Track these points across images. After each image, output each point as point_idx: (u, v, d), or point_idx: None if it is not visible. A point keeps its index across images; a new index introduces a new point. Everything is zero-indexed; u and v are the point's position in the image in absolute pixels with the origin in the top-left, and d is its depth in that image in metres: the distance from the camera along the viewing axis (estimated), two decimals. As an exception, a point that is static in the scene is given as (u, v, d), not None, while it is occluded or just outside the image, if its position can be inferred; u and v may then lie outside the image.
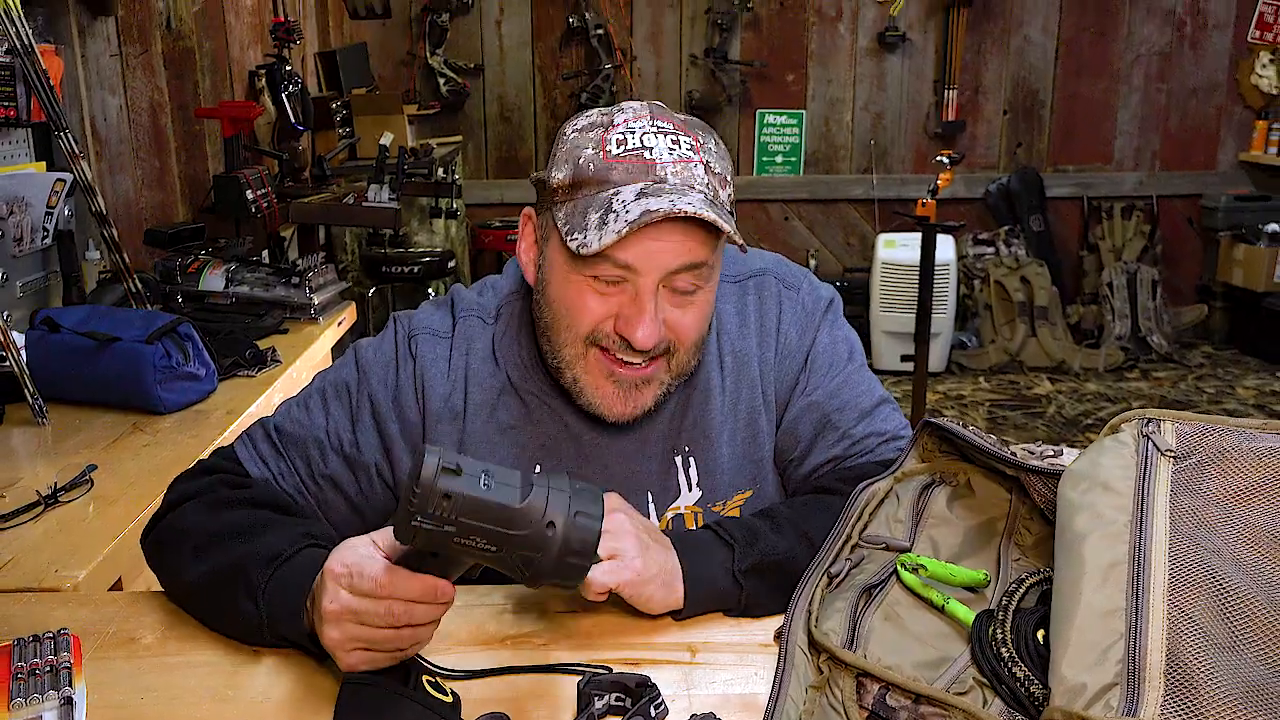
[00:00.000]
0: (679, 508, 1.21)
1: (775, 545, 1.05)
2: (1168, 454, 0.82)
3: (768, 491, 1.23)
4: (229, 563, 1.02)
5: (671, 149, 1.07)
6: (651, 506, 1.20)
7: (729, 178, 1.11)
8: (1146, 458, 0.82)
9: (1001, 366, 5.21)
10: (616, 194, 1.04)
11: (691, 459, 1.20)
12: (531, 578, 0.87)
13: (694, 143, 1.09)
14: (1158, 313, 5.38)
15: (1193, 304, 5.62)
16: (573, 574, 0.88)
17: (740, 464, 1.22)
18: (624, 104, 1.12)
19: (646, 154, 1.06)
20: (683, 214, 1.01)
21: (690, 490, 1.21)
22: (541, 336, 1.16)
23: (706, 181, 1.07)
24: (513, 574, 0.88)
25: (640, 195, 1.03)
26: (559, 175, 1.08)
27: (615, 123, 1.09)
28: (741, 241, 1.06)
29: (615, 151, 1.06)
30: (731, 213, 1.11)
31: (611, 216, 1.02)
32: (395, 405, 1.18)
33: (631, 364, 1.10)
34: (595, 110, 1.12)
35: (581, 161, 1.07)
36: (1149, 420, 0.86)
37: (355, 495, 1.19)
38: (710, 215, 1.02)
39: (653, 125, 1.08)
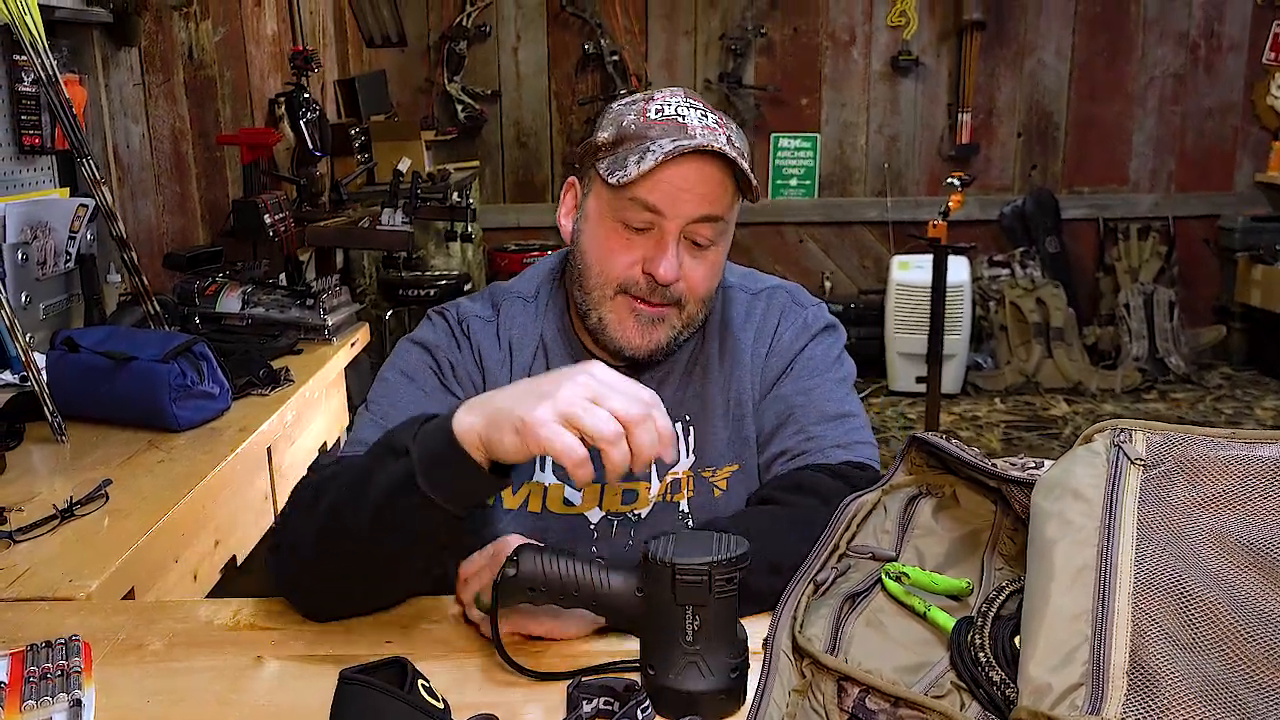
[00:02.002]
0: (676, 472, 1.31)
1: None
2: (1137, 463, 0.84)
3: (751, 470, 1.33)
4: (373, 452, 1.04)
5: (701, 119, 1.22)
6: (653, 467, 1.31)
7: (746, 154, 1.24)
8: (1117, 466, 0.85)
9: (1017, 388, 5.20)
10: (654, 142, 1.19)
11: (691, 427, 1.32)
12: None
13: (719, 119, 1.25)
14: (1175, 334, 5.37)
15: (1211, 325, 5.59)
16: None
17: (730, 439, 1.33)
18: (662, 88, 1.29)
19: (680, 119, 1.21)
20: (711, 148, 1.16)
21: (687, 455, 1.32)
22: (574, 285, 1.29)
23: (729, 146, 1.20)
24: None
25: (674, 141, 1.18)
26: (603, 135, 1.25)
27: (654, 98, 1.26)
28: (756, 183, 1.22)
29: (653, 116, 1.22)
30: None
31: (649, 155, 1.18)
32: (465, 368, 1.31)
33: (650, 302, 1.24)
34: (640, 93, 1.29)
35: (624, 124, 1.23)
36: (1121, 430, 0.88)
37: None
38: (733, 153, 1.18)
39: (686, 101, 1.25)
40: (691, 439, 1.32)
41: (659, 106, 1.23)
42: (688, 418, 1.32)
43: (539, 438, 0.91)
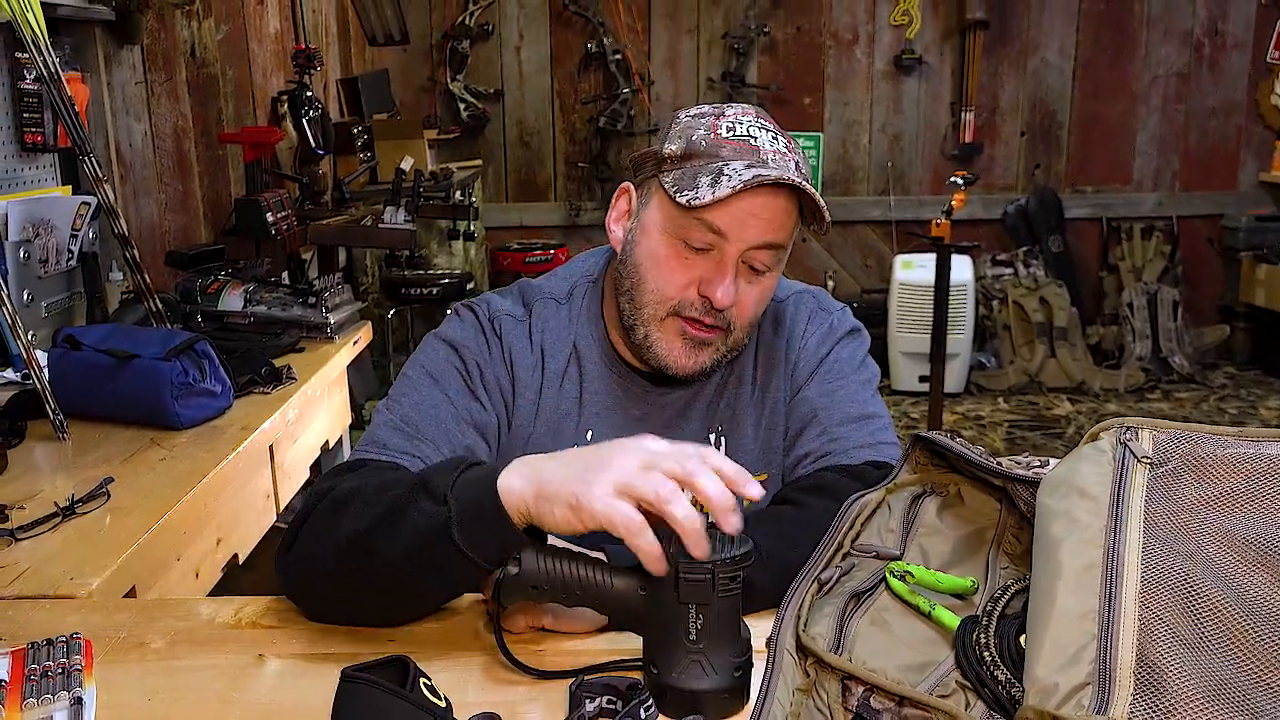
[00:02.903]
0: None
1: None
2: (1144, 461, 0.84)
3: (777, 476, 1.32)
4: (407, 487, 1.00)
5: (772, 142, 1.21)
6: None
7: (808, 175, 1.24)
8: (1123, 465, 0.84)
9: (1021, 387, 5.19)
10: (727, 164, 1.18)
11: (724, 438, 1.33)
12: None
13: (788, 143, 1.24)
14: (1179, 333, 5.36)
15: (1214, 324, 5.58)
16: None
17: (762, 448, 1.33)
18: (732, 103, 1.28)
19: (752, 140, 1.20)
20: (790, 182, 1.16)
21: None
22: (623, 296, 1.27)
23: (797, 173, 1.21)
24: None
25: (749, 167, 1.17)
26: (671, 147, 1.22)
27: (725, 114, 1.24)
28: (830, 218, 1.22)
29: (725, 135, 1.21)
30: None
31: (724, 178, 1.16)
32: (493, 371, 1.29)
33: (702, 324, 1.23)
34: (707, 105, 1.28)
35: (694, 138, 1.21)
36: (1127, 428, 0.87)
37: (488, 461, 1.24)
38: (810, 189, 1.18)
39: (757, 121, 1.24)
40: (724, 451, 1.31)
41: (730, 124, 1.21)
42: (720, 428, 1.32)
43: (594, 512, 0.89)
